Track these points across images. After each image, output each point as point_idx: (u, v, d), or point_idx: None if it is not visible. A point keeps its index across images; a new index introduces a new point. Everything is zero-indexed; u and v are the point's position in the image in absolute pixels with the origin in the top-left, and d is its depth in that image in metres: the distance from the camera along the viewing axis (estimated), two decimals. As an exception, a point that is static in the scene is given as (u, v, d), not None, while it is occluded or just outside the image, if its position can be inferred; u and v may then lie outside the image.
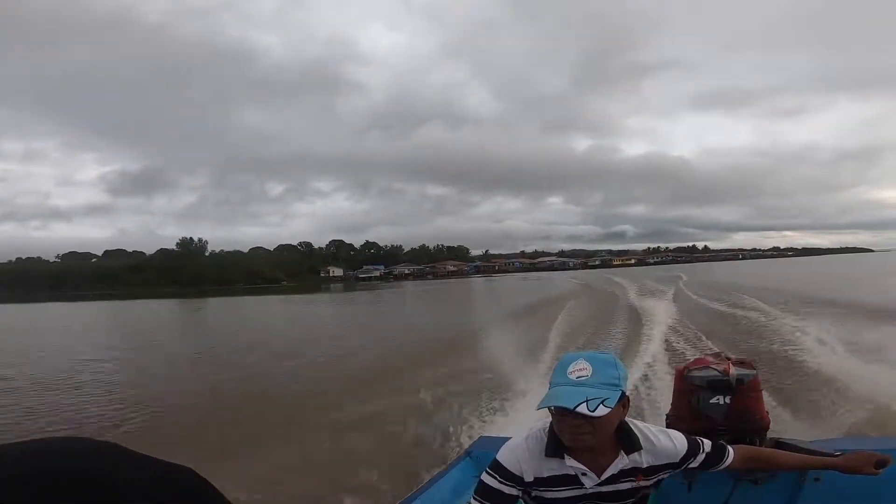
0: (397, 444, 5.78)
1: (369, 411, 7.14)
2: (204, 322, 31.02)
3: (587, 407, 1.41)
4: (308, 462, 5.57)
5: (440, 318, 23.78)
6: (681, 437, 1.68)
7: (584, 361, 1.51)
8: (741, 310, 15.93)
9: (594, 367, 1.49)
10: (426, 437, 5.86)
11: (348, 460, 5.41)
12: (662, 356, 9.10)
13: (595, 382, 1.46)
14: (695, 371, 2.37)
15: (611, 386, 1.47)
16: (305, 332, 21.36)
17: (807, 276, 40.32)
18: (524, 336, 12.64)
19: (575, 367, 1.50)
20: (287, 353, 13.98)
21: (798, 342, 9.81)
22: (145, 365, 13.75)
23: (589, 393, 1.44)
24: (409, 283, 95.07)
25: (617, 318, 15.49)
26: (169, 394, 9.87)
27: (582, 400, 1.42)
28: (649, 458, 1.61)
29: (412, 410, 6.92)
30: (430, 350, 12.29)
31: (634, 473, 1.60)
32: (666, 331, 12.38)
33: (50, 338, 21.33)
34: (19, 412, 8.97)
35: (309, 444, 6.11)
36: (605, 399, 1.44)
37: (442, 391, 7.77)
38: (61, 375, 12.00)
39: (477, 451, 2.58)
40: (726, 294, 21.30)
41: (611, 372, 1.50)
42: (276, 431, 6.67)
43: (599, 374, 1.48)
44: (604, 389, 1.46)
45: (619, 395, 1.49)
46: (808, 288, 23.17)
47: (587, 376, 1.47)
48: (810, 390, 6.49)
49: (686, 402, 2.38)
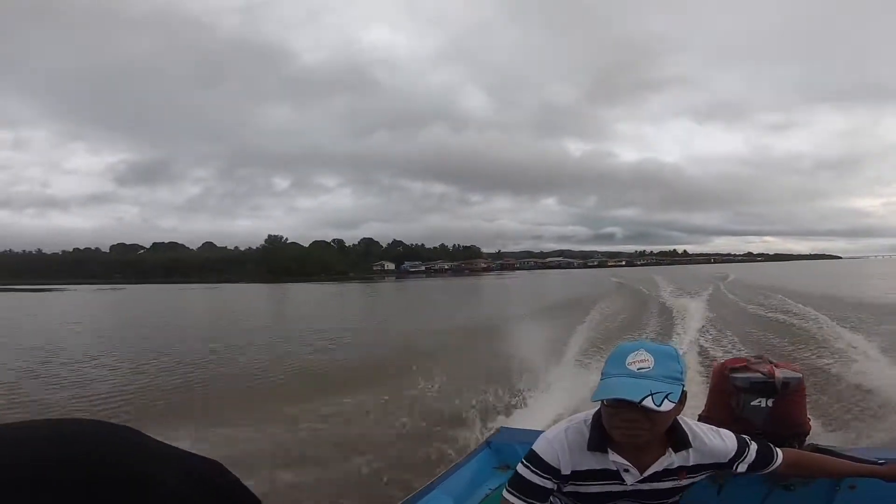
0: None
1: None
2: (382, 299, 38.11)
3: (653, 401, 1.28)
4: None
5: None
6: (731, 437, 1.54)
7: (645, 353, 1.36)
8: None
9: (657, 359, 1.34)
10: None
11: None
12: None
13: (658, 375, 1.32)
14: (736, 372, 2.23)
15: (674, 380, 1.33)
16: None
17: (744, 273, 49.71)
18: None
19: (635, 358, 1.35)
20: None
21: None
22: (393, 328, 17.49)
23: (653, 386, 1.30)
24: (456, 278, 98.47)
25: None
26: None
27: (647, 394, 1.28)
28: (697, 456, 1.48)
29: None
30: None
31: (678, 472, 1.47)
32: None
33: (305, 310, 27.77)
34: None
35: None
36: (669, 394, 1.30)
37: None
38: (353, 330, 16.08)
39: (497, 442, 2.48)
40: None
41: (673, 365, 1.36)
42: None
43: (662, 366, 1.34)
44: (667, 383, 1.32)
45: (681, 391, 1.34)
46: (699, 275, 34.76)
47: (649, 368, 1.33)
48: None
49: (724, 402, 2.23)
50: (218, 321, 21.54)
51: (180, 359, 11.16)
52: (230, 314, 24.74)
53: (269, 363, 10.49)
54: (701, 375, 6.20)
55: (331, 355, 11.51)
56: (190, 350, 12.38)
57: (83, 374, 9.97)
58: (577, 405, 4.76)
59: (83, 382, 9.21)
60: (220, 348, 12.63)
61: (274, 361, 10.63)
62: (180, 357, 11.37)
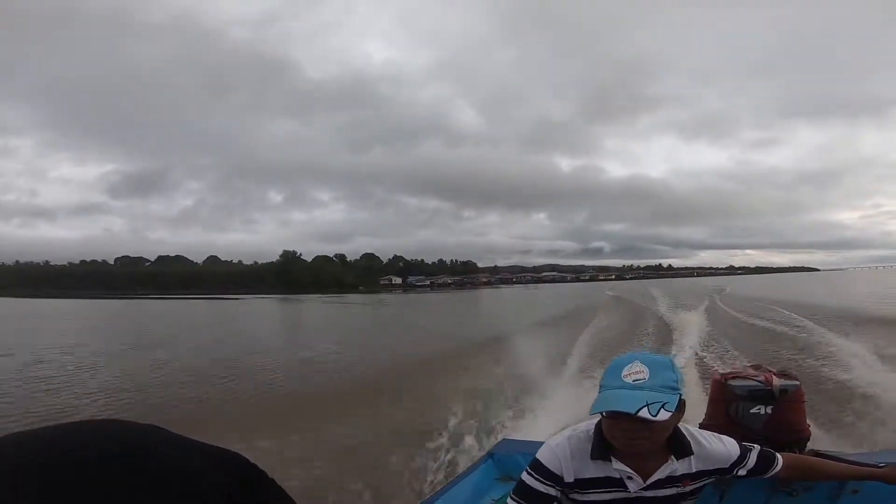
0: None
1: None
2: (401, 311, 39.49)
3: (649, 411, 1.29)
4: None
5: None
6: (733, 442, 1.56)
7: (640, 364, 1.38)
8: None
9: (651, 370, 1.36)
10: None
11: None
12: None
13: (653, 385, 1.34)
14: (734, 380, 2.27)
15: (670, 389, 1.35)
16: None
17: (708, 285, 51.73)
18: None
19: (630, 370, 1.37)
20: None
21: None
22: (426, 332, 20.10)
23: (649, 397, 1.32)
24: (461, 291, 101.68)
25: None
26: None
27: (643, 404, 1.30)
28: (699, 463, 1.49)
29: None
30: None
31: (681, 479, 1.48)
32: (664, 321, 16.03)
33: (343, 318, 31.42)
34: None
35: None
36: (665, 403, 1.32)
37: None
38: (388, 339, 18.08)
39: (499, 454, 2.47)
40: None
41: (669, 375, 1.38)
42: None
43: (657, 376, 1.35)
44: (663, 393, 1.34)
45: (678, 399, 1.36)
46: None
47: (644, 379, 1.35)
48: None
49: (723, 411, 2.26)
50: (299, 331, 24.53)
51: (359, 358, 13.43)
52: (303, 324, 28.93)
53: (390, 363, 11.98)
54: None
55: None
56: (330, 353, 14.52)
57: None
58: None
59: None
60: (336, 350, 15.08)
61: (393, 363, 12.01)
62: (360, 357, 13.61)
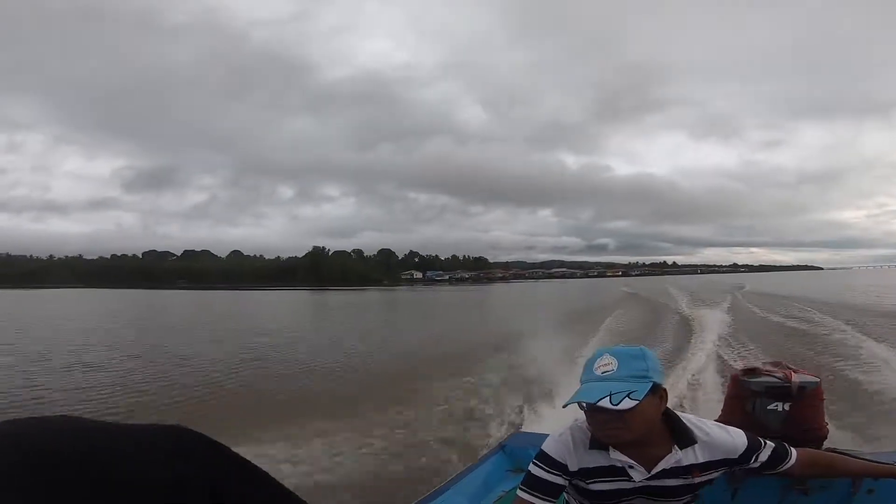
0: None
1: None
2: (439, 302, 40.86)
3: (610, 401, 1.30)
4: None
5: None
6: (739, 432, 1.52)
7: (608, 356, 1.41)
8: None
9: (620, 361, 1.38)
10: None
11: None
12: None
13: (621, 376, 1.36)
14: (752, 376, 2.22)
15: (638, 378, 1.36)
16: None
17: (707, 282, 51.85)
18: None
19: (600, 363, 1.40)
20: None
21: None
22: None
23: (613, 387, 1.33)
24: (479, 285, 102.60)
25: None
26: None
27: (604, 395, 1.32)
28: (705, 453, 1.46)
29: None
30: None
31: (690, 470, 1.45)
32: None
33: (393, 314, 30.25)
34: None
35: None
36: (630, 392, 1.32)
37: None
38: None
39: (511, 446, 2.46)
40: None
41: (638, 364, 1.38)
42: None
43: (625, 367, 1.37)
44: (630, 382, 1.34)
45: (649, 387, 1.35)
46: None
47: (612, 370, 1.37)
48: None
49: (740, 408, 2.21)
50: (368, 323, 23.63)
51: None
52: (396, 319, 27.86)
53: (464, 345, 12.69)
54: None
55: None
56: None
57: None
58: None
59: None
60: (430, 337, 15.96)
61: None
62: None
